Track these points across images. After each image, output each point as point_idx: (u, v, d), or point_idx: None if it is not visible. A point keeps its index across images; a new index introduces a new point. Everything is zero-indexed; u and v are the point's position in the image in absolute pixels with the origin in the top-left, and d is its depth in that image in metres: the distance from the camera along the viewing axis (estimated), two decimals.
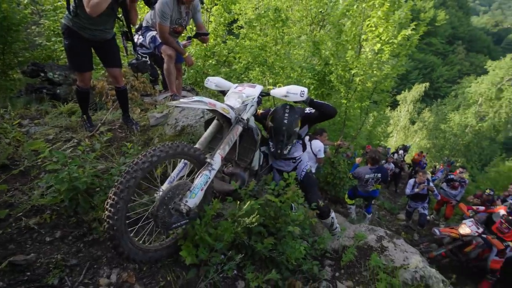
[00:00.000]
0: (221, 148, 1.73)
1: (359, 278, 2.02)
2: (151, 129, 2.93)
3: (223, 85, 2.12)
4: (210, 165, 1.65)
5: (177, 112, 3.05)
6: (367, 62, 4.78)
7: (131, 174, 1.35)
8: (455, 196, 6.75)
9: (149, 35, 3.05)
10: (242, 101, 1.90)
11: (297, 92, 1.89)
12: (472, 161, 17.05)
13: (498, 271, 4.59)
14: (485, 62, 19.55)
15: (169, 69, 2.99)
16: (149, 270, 1.69)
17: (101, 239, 1.75)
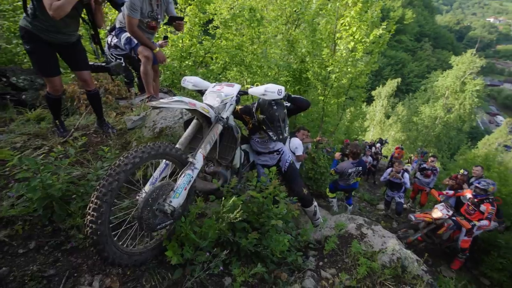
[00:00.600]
0: (202, 147, 1.74)
1: (342, 265, 2.11)
2: (128, 132, 2.86)
3: (201, 85, 2.10)
4: (192, 165, 1.65)
5: (155, 114, 3.00)
6: (342, 60, 4.96)
7: (114, 177, 1.32)
8: (428, 184, 7.16)
9: (123, 36, 2.94)
10: (221, 100, 1.90)
11: (275, 91, 1.92)
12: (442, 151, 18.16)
13: (467, 250, 4.95)
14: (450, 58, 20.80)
15: (146, 70, 2.92)
16: (133, 274, 1.66)
17: (81, 247, 1.70)
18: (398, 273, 2.01)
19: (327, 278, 2.01)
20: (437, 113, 18.66)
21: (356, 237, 2.32)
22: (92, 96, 2.68)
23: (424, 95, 21.61)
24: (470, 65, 18.04)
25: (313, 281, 1.97)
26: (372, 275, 1.97)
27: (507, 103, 55.64)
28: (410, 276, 2.00)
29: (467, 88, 18.21)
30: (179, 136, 2.69)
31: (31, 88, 3.39)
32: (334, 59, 4.90)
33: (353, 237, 2.32)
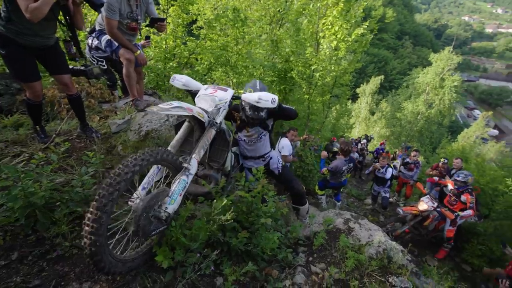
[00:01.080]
0: (196, 152, 1.73)
1: (331, 259, 2.16)
2: (113, 136, 2.80)
3: (191, 85, 2.05)
4: (187, 170, 1.64)
5: (140, 117, 2.97)
6: (326, 58, 5.05)
7: (114, 186, 1.28)
8: (411, 177, 7.42)
9: (104, 38, 2.87)
10: (215, 105, 1.87)
11: (269, 99, 1.91)
12: (425, 145, 18.83)
13: (452, 239, 5.17)
14: (429, 55, 21.57)
15: (129, 73, 2.86)
16: (124, 279, 1.64)
17: (67, 255, 1.66)
18: (385, 264, 2.08)
19: (317, 272, 2.06)
20: (419, 108, 19.32)
21: (343, 231, 2.38)
22: (74, 100, 2.61)
23: (406, 91, 22.32)
24: (448, 62, 18.79)
25: (303, 276, 2.01)
26: (360, 267, 2.04)
27: (483, 98, 58.28)
28: (396, 266, 2.08)
29: (446, 84, 18.96)
30: (165, 138, 2.67)
31: (7, 93, 3.25)
32: (317, 58, 4.98)
33: (341, 231, 2.38)
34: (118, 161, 2.57)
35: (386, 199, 6.56)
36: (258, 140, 2.44)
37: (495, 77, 65.01)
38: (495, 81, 62.57)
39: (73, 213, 1.83)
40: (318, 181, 5.50)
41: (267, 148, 2.55)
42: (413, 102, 20.14)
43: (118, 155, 2.61)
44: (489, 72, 69.67)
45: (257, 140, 2.43)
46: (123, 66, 2.84)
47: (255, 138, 2.43)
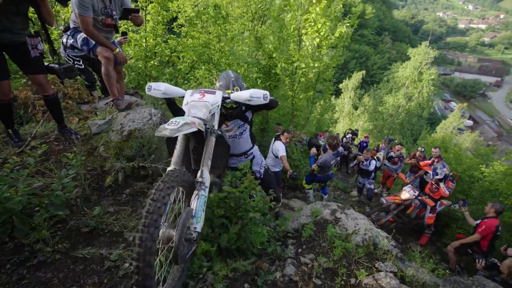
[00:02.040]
0: (205, 164, 1.66)
1: (319, 249, 2.20)
2: (93, 137, 2.72)
3: (173, 92, 1.87)
4: (202, 184, 1.58)
5: (122, 117, 2.88)
6: (308, 55, 5.10)
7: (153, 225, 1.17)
8: (396, 170, 7.68)
9: (80, 37, 2.75)
10: (209, 111, 1.76)
11: (261, 96, 1.84)
12: (406, 137, 19.54)
13: (432, 225, 5.41)
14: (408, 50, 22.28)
15: (108, 72, 2.76)
16: (111, 281, 1.60)
17: (49, 260, 1.60)
18: (371, 250, 2.15)
19: (306, 263, 2.09)
20: (399, 102, 19.95)
21: (331, 222, 2.44)
22: (51, 102, 2.50)
23: (387, 85, 22.98)
24: (425, 56, 19.51)
25: (293, 268, 2.04)
26: (348, 255, 2.09)
27: (458, 90, 61.08)
28: (381, 251, 2.15)
29: (424, 77, 19.69)
30: (149, 138, 2.62)
31: None
32: (300, 54, 5.02)
33: (328, 222, 2.43)
34: (101, 162, 2.50)
35: (371, 191, 6.76)
36: (240, 136, 2.43)
37: (468, 70, 68.28)
38: (468, 74, 65.74)
39: (54, 217, 1.76)
40: (305, 176, 5.57)
41: (249, 144, 2.55)
42: (394, 95, 20.77)
43: (100, 157, 2.53)
44: (463, 66, 73.09)
45: (239, 136, 2.43)
46: (102, 65, 2.74)
47: (237, 135, 2.42)
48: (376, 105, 21.77)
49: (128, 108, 2.98)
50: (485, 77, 64.22)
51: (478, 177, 6.42)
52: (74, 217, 1.92)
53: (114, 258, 1.71)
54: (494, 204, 4.37)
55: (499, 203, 4.46)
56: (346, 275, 1.96)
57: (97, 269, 1.64)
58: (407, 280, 2.03)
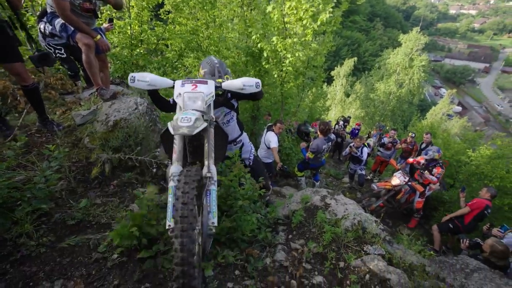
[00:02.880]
0: (210, 157, 1.62)
1: (309, 235, 2.23)
2: (78, 128, 2.63)
3: (160, 83, 1.76)
4: (211, 179, 1.54)
5: (107, 107, 2.80)
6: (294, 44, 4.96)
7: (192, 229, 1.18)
8: (389, 156, 7.79)
9: (57, 22, 2.59)
10: (205, 102, 1.69)
11: (253, 84, 1.82)
12: (397, 123, 19.77)
13: (421, 210, 5.57)
14: (399, 36, 22.21)
15: (89, 60, 2.64)
16: (99, 272, 1.59)
17: (34, 254, 1.57)
18: (360, 235, 2.19)
19: (296, 248, 2.12)
20: (390, 88, 20.06)
21: (320, 207, 2.46)
22: (30, 92, 2.39)
23: (378, 72, 23.00)
24: (416, 42, 19.50)
25: (284, 254, 2.06)
26: (337, 239, 2.13)
27: (448, 77, 61.70)
28: (370, 235, 2.19)
29: (415, 64, 19.76)
30: (135, 128, 2.56)
31: None
32: (284, 44, 4.90)
33: (318, 208, 2.46)
34: (86, 154, 2.44)
35: (363, 176, 6.86)
36: (227, 124, 2.40)
37: (458, 56, 68.81)
38: (458, 60, 66.28)
39: (37, 211, 1.71)
40: (298, 163, 5.60)
41: (237, 132, 2.52)
42: (385, 82, 20.85)
43: (85, 148, 2.46)
44: (453, 52, 73.55)
45: (226, 124, 2.39)
46: (83, 53, 2.62)
47: (224, 123, 2.38)
48: (368, 92, 21.83)
49: (113, 97, 2.89)
50: (474, 63, 64.92)
51: (465, 161, 6.57)
52: (60, 210, 1.88)
53: (102, 250, 1.69)
54: (489, 189, 4.57)
55: (494, 188, 4.65)
56: (335, 259, 1.99)
57: (84, 261, 1.62)
58: (394, 262, 2.08)
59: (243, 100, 2.71)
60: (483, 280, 2.82)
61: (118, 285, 1.56)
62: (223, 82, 1.90)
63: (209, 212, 1.48)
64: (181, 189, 1.23)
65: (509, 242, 3.61)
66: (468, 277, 2.90)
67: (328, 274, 1.89)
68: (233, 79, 1.89)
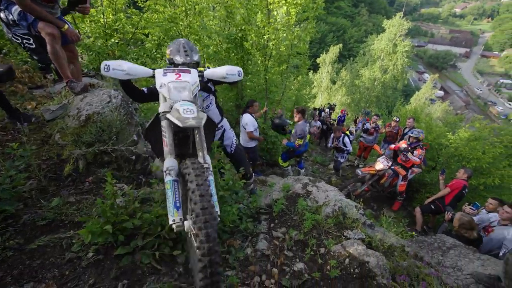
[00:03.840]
0: (203, 147, 1.59)
1: (291, 223, 2.25)
2: (47, 124, 2.50)
3: (138, 72, 1.63)
4: (208, 169, 1.53)
5: (79, 101, 2.67)
6: (278, 26, 4.88)
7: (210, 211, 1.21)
8: (372, 142, 7.93)
9: (14, 10, 2.39)
10: (192, 92, 1.63)
11: (235, 73, 1.81)
12: (381, 109, 20.12)
13: (404, 192, 5.76)
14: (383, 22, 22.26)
15: (55, 51, 2.47)
16: (74, 272, 1.54)
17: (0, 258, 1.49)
18: (340, 220, 2.22)
19: (278, 237, 2.13)
20: (375, 74, 20.28)
21: (302, 195, 2.48)
22: None
23: (363, 58, 23.15)
24: (399, 27, 19.65)
25: (265, 242, 2.07)
26: (317, 226, 2.15)
27: (431, 62, 62.94)
28: (350, 220, 2.23)
29: (398, 49, 19.97)
30: (109, 122, 2.45)
31: None
32: (269, 26, 4.79)
33: (300, 195, 2.47)
34: (57, 150, 2.32)
35: (339, 163, 6.88)
36: (207, 109, 2.34)
37: (440, 41, 70.09)
38: (441, 45, 67.56)
39: (2, 213, 1.63)
40: (281, 154, 5.58)
41: (217, 116, 2.47)
42: (369, 69, 21.03)
43: (56, 145, 2.35)
44: (435, 37, 74.76)
45: (206, 109, 2.34)
46: (47, 43, 2.45)
47: (203, 108, 2.33)
48: (353, 78, 22.00)
49: (85, 90, 2.74)
50: (456, 48, 66.40)
51: (445, 144, 6.79)
52: (29, 211, 1.79)
53: (76, 249, 1.64)
54: (466, 170, 4.84)
55: (470, 169, 4.89)
56: (316, 245, 2.02)
57: (57, 262, 1.57)
58: (374, 245, 2.13)
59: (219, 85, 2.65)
60: (458, 256, 2.96)
61: (94, 284, 1.52)
62: (205, 71, 1.85)
63: None
64: (196, 182, 1.24)
65: (481, 219, 3.80)
66: (445, 254, 3.03)
67: (309, 261, 1.92)
68: (215, 68, 1.85)
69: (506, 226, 3.30)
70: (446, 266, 2.81)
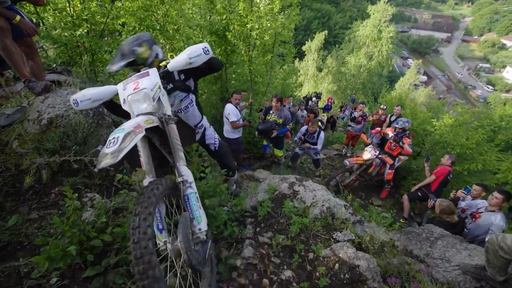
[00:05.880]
0: (178, 157, 1.44)
1: (277, 226, 2.13)
2: (2, 130, 2.23)
3: (103, 95, 1.51)
4: (186, 182, 1.38)
5: (39, 102, 2.40)
6: (261, 14, 4.65)
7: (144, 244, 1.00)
8: (360, 130, 7.91)
9: None
10: (152, 98, 1.45)
11: (200, 52, 1.55)
12: (367, 96, 20.28)
13: (391, 180, 5.80)
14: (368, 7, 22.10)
15: (4, 46, 2.16)
16: None
17: None
18: (329, 222, 2.13)
19: (265, 242, 2.02)
20: (361, 61, 20.29)
21: (288, 196, 2.36)
22: None
23: (349, 45, 23.06)
24: (384, 13, 19.57)
25: (251, 249, 1.95)
26: (305, 229, 2.05)
27: (415, 47, 63.75)
28: (339, 221, 2.14)
29: (383, 35, 19.96)
30: (73, 125, 2.21)
31: None
32: (252, 14, 4.54)
33: (286, 196, 2.36)
34: (15, 160, 2.08)
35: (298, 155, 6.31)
36: (185, 110, 2.14)
37: (423, 27, 70.84)
38: (423, 31, 68.32)
39: None
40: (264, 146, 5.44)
41: (197, 117, 2.28)
42: (355, 55, 21.00)
43: (14, 153, 2.10)
44: (418, 23, 75.46)
45: (184, 110, 2.14)
46: None
47: (181, 109, 2.13)
48: (339, 66, 21.95)
49: (46, 90, 2.47)
50: (438, 33, 67.37)
51: (430, 131, 6.86)
52: None
53: (36, 275, 1.45)
54: (450, 156, 4.95)
55: (454, 155, 4.97)
56: (304, 250, 1.92)
57: None
58: (363, 246, 2.05)
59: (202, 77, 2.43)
60: (445, 247, 2.96)
61: None
62: (168, 63, 1.63)
63: (193, 218, 1.36)
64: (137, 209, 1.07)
65: (469, 204, 3.85)
66: (433, 245, 3.04)
67: (297, 268, 1.82)
68: (176, 56, 1.60)
69: (493, 212, 3.34)
70: (434, 257, 2.81)
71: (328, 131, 11.24)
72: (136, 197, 1.12)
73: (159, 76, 1.56)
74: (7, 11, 2.19)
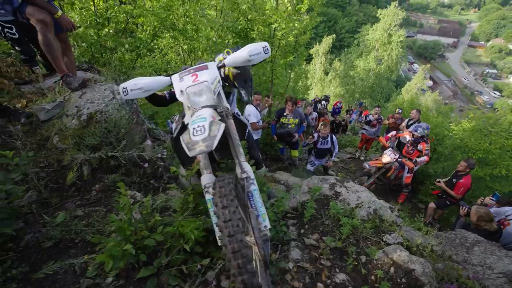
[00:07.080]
0: (239, 154, 1.40)
1: (323, 228, 2.06)
2: (43, 125, 2.20)
3: (156, 85, 1.51)
4: (249, 179, 1.36)
5: (77, 97, 2.36)
6: (287, 14, 4.62)
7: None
8: (375, 134, 7.82)
9: None
10: (213, 92, 1.43)
11: (260, 51, 1.55)
12: (376, 100, 20.17)
13: (409, 184, 5.70)
14: (374, 12, 22.10)
15: (47, 41, 2.15)
16: None
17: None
18: (377, 224, 2.05)
19: (311, 244, 1.94)
20: (370, 65, 20.21)
21: (331, 197, 2.29)
22: None
23: (358, 49, 23.03)
24: (394, 17, 19.52)
25: (298, 251, 1.88)
26: (355, 232, 1.97)
27: (420, 52, 63.56)
28: (387, 224, 2.06)
29: (393, 39, 19.90)
30: (114, 120, 2.17)
31: None
32: (278, 15, 4.52)
33: (329, 198, 2.28)
34: (57, 156, 2.04)
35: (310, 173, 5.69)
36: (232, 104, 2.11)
37: (429, 32, 70.69)
38: (429, 35, 68.16)
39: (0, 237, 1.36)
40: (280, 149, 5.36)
41: (235, 108, 2.25)
42: (364, 59, 20.94)
43: (55, 149, 2.06)
44: (424, 28, 75.32)
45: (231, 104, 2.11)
46: (38, 32, 2.13)
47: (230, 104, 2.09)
48: (347, 69, 21.88)
49: (83, 86, 2.44)
50: (444, 38, 67.16)
51: (444, 134, 6.74)
52: (31, 230, 1.53)
53: (91, 274, 1.40)
54: (469, 163, 4.67)
55: (472, 159, 4.76)
56: (355, 253, 1.84)
57: None
58: (414, 250, 1.97)
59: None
60: (484, 253, 2.85)
61: None
62: (225, 59, 1.60)
63: (258, 216, 1.33)
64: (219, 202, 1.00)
65: (497, 212, 3.73)
66: (470, 251, 2.93)
67: (351, 271, 1.74)
68: (235, 52, 1.59)
69: None
70: (473, 264, 2.71)
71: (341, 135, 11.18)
72: (213, 191, 1.05)
73: (217, 71, 1.54)
74: (50, 6, 2.17)
